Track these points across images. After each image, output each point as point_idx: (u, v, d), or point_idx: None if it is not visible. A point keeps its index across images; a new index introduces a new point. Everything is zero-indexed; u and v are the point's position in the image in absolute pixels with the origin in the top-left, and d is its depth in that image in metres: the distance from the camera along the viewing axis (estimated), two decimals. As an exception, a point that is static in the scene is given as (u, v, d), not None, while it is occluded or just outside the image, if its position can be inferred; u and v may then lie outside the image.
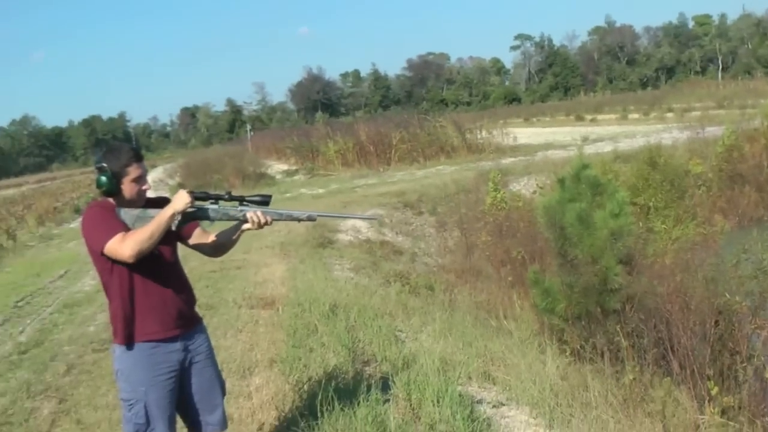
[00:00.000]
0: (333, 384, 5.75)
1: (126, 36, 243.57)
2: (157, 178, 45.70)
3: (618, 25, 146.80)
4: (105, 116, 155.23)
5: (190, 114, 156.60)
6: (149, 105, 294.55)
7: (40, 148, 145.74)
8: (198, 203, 4.31)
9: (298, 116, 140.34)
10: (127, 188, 4.24)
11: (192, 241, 4.49)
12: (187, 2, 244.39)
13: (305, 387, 6.34)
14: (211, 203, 4.34)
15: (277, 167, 43.00)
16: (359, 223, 18.46)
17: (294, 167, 40.99)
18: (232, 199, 4.37)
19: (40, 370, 9.00)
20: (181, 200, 4.17)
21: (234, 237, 4.50)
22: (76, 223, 28.87)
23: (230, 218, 4.37)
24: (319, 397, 5.40)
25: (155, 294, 4.29)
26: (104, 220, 4.18)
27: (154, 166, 70.06)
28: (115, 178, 4.20)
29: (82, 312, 12.01)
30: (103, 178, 4.20)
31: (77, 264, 17.29)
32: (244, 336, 8.77)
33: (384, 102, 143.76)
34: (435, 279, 13.23)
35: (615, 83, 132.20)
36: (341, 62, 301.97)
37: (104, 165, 4.19)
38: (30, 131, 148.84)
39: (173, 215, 4.16)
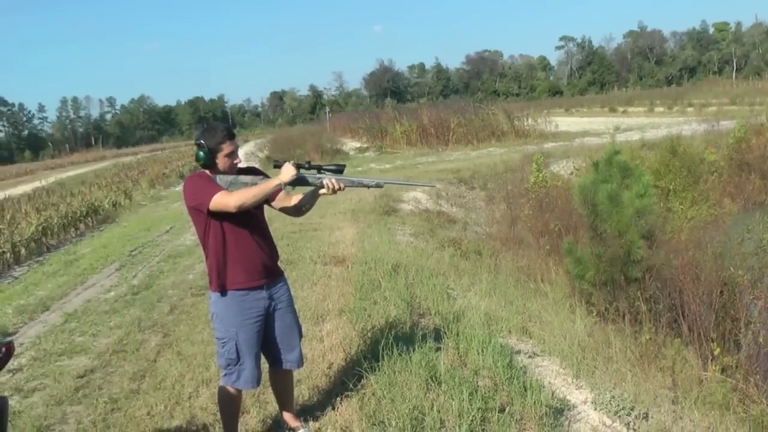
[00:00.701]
0: (393, 332, 5.73)
1: (225, 30, 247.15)
2: (249, 151, 46.03)
3: (649, 29, 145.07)
4: (207, 97, 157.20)
5: (278, 97, 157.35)
6: (244, 89, 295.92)
7: (152, 123, 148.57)
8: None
9: (370, 101, 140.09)
10: (221, 162, 4.30)
11: (277, 204, 4.51)
12: (279, 4, 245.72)
13: (369, 334, 6.34)
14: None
15: (350, 144, 42.96)
16: (419, 195, 18.43)
17: (365, 145, 40.91)
18: (311, 167, 4.40)
19: (148, 309, 9.19)
20: (287, 173, 4.23)
21: (312, 201, 4.52)
22: (181, 187, 29.26)
23: (309, 184, 4.38)
24: (381, 343, 5.39)
25: (244, 249, 4.34)
26: (205, 183, 4.25)
27: (246, 141, 70.63)
28: (211, 153, 4.27)
29: (183, 262, 12.19)
30: (201, 153, 4.27)
31: (180, 221, 17.53)
32: (318, 288, 8.78)
33: (444, 91, 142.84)
34: (483, 245, 13.12)
35: (644, 80, 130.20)
36: (409, 56, 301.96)
37: (202, 142, 4.27)
38: (145, 109, 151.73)
39: (279, 185, 4.23)
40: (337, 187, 4.35)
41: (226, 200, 4.15)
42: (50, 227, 17.23)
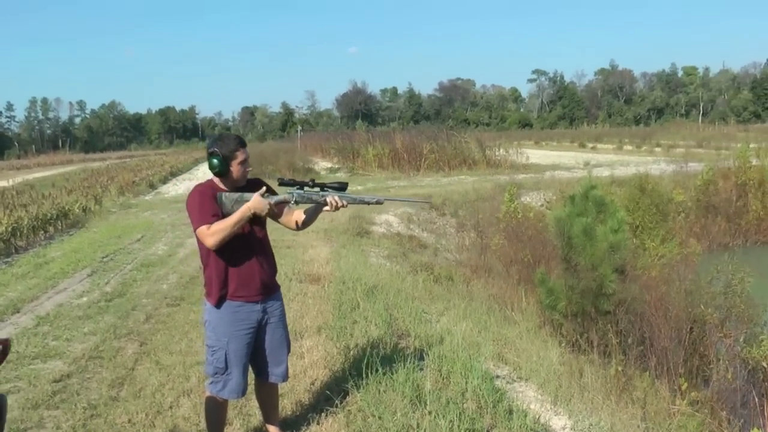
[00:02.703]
0: (375, 352, 5.77)
1: (201, 41, 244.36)
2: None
3: (620, 68, 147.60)
4: (178, 107, 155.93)
5: (249, 112, 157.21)
6: (215, 102, 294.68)
7: (122, 130, 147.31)
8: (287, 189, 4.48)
9: (341, 122, 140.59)
10: (235, 170, 4.36)
11: (282, 219, 4.59)
12: (256, 19, 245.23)
13: (351, 352, 6.39)
14: (297, 189, 4.47)
15: (321, 164, 42.95)
16: (391, 218, 18.59)
17: (336, 165, 41.01)
18: (315, 185, 4.51)
19: (123, 317, 9.13)
20: (258, 206, 4.30)
21: (315, 216, 4.61)
22: (151, 196, 29.15)
23: (313, 202, 4.47)
24: (364, 362, 5.44)
25: (245, 266, 4.41)
26: (201, 205, 4.30)
27: (217, 154, 70.16)
28: (225, 161, 4.34)
29: (156, 272, 12.11)
30: (215, 161, 4.34)
31: (151, 231, 17.48)
32: (295, 305, 8.80)
33: (416, 117, 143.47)
34: (454, 272, 13.27)
35: (613, 118, 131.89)
36: (382, 79, 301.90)
37: (216, 150, 4.33)
38: (115, 115, 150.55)
39: (250, 215, 4.30)
40: (340, 204, 4.44)
41: (205, 239, 4.25)
42: (20, 228, 17.05)
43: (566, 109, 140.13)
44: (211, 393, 4.56)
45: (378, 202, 4.71)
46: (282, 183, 4.50)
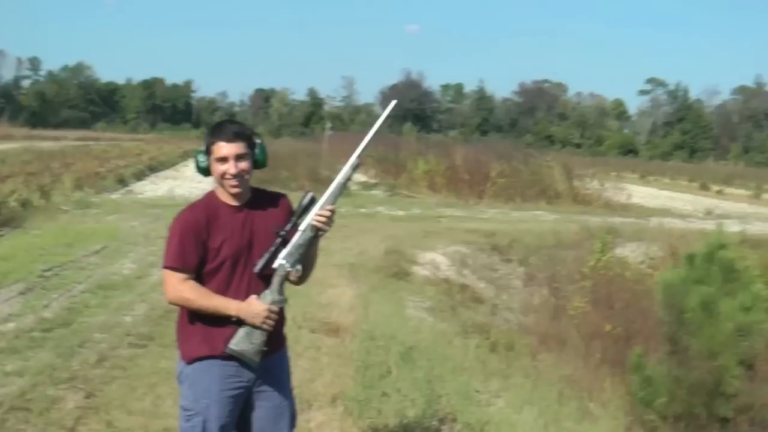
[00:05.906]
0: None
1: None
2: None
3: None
4: (168, 81, 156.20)
5: (264, 97, 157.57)
6: (220, 78, 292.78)
7: (87, 102, 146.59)
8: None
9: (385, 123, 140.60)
10: (213, 168, 4.31)
11: None
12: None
13: (378, 436, 6.35)
14: (286, 250, 4.38)
15: (354, 177, 42.97)
16: (439, 258, 18.56)
17: (373, 180, 41.05)
18: (293, 226, 4.43)
19: (65, 355, 9.02)
20: (253, 317, 4.27)
21: (312, 254, 4.54)
22: (119, 195, 29.32)
23: (306, 246, 4.40)
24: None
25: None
26: (180, 244, 4.29)
27: (212, 149, 70.31)
28: (207, 155, 4.33)
29: (118, 298, 12.05)
30: (199, 156, 4.36)
31: (116, 242, 17.48)
32: (304, 362, 8.77)
33: (484, 126, 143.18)
34: (517, 339, 13.20)
35: (751, 154, 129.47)
36: (445, 71, 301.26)
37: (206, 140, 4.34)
38: (80, 81, 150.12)
39: (233, 318, 4.27)
40: (328, 215, 4.44)
41: (168, 286, 4.31)
42: None
43: (687, 135, 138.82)
44: None
45: (356, 166, 4.72)
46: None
